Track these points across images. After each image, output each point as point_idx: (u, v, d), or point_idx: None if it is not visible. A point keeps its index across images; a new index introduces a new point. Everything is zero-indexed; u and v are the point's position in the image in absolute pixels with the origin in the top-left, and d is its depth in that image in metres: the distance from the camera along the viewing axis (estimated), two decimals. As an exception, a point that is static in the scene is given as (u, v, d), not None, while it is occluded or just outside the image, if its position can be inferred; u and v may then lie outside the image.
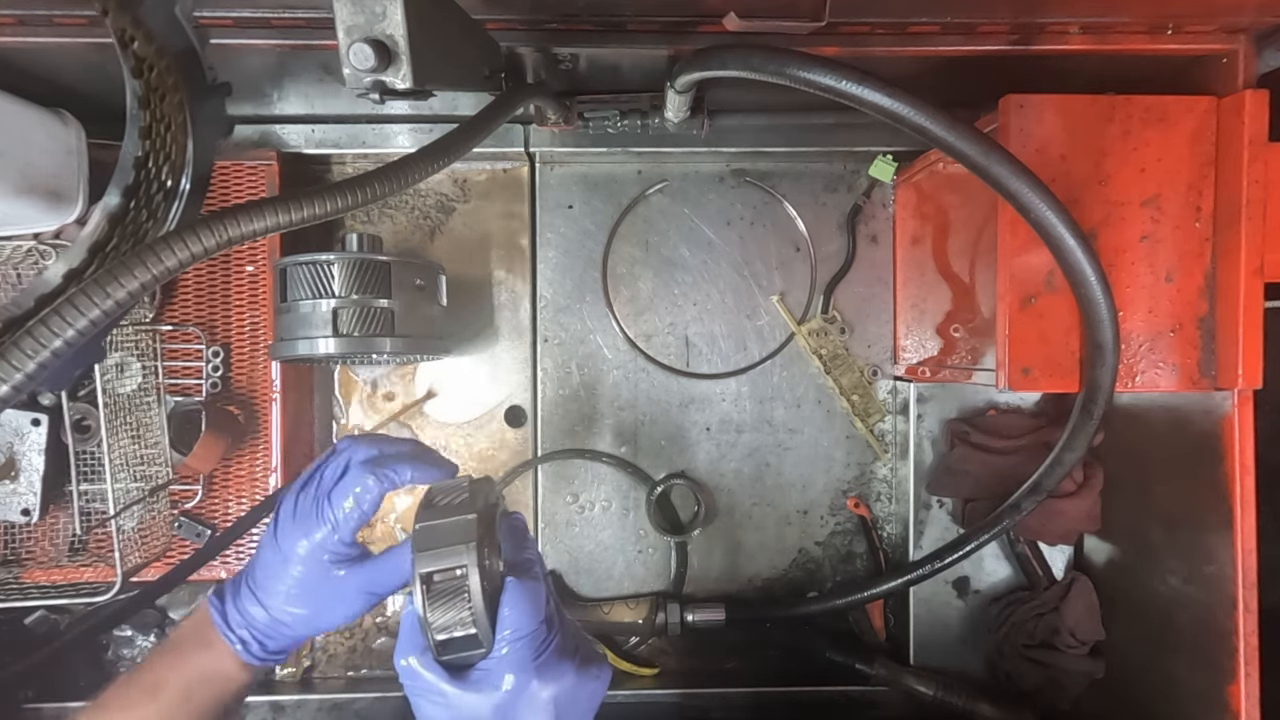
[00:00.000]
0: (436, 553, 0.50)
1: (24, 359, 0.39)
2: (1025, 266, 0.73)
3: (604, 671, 0.53)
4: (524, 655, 0.49)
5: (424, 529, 0.51)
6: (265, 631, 0.57)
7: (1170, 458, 0.83)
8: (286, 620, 0.57)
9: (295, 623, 0.57)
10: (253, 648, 0.57)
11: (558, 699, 0.49)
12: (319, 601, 0.57)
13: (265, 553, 0.57)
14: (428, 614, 0.49)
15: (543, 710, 0.49)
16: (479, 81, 0.68)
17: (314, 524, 0.55)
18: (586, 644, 0.55)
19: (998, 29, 0.72)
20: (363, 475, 0.55)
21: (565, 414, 1.00)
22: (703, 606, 0.96)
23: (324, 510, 0.55)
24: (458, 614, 0.49)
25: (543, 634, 0.50)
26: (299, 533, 0.55)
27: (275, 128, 0.92)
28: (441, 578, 0.50)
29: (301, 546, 0.55)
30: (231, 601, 0.57)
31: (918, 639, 0.98)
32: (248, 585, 0.57)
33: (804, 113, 0.93)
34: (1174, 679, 0.82)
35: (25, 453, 0.84)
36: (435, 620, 0.49)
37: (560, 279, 1.00)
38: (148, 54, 0.52)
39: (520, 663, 0.49)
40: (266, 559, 0.57)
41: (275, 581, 0.56)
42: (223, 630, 0.56)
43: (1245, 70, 0.73)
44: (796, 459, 1.01)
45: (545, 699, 0.49)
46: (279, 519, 0.57)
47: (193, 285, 0.91)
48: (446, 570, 0.50)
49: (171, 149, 0.55)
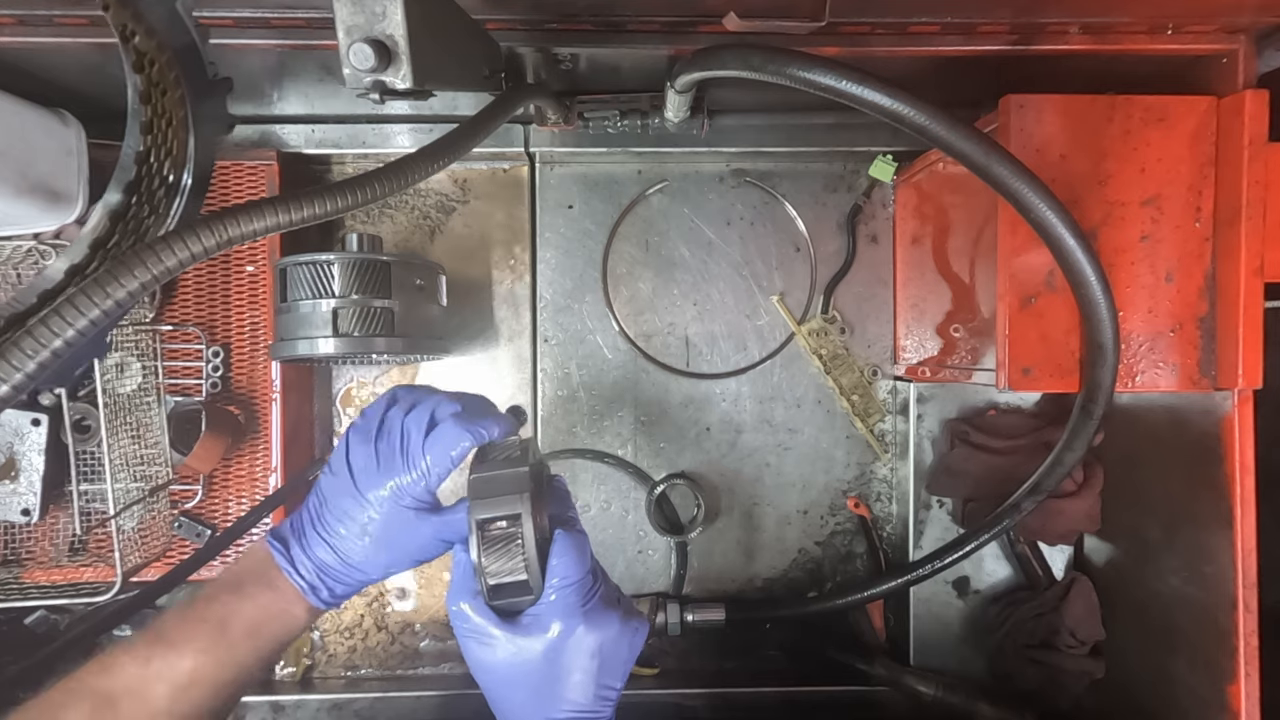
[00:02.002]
0: (492, 501, 0.52)
1: (24, 359, 0.39)
2: (1025, 266, 0.73)
3: (644, 625, 0.55)
4: (572, 602, 0.51)
5: (480, 479, 0.53)
6: (336, 576, 0.57)
7: (1170, 458, 0.83)
8: (359, 563, 0.56)
9: (369, 566, 0.57)
10: (321, 593, 0.57)
11: (603, 646, 0.52)
12: (396, 545, 0.57)
13: (338, 499, 0.56)
14: (482, 559, 0.52)
15: (588, 655, 0.52)
16: (479, 81, 0.68)
17: (403, 471, 0.55)
18: (626, 599, 0.57)
19: (998, 29, 0.73)
20: (457, 429, 0.56)
21: (565, 414, 1.00)
22: (703, 606, 0.96)
23: (415, 459, 0.55)
24: (511, 560, 0.52)
25: (589, 582, 0.53)
26: (384, 478, 0.55)
27: (275, 127, 0.92)
28: (496, 525, 0.52)
29: (386, 490, 0.55)
30: (298, 545, 0.57)
31: (918, 639, 0.98)
32: (317, 531, 0.57)
33: (804, 113, 0.93)
34: (1174, 679, 0.82)
35: (25, 453, 0.84)
36: (490, 566, 0.51)
37: (560, 279, 1.00)
38: (149, 49, 0.52)
39: (569, 608, 0.51)
40: (340, 505, 0.56)
41: (352, 525, 0.56)
42: (291, 575, 0.56)
43: (1245, 70, 0.73)
44: (796, 459, 1.01)
45: (591, 644, 0.52)
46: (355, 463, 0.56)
47: (193, 285, 0.91)
48: (501, 518, 0.52)
49: (173, 144, 0.55)
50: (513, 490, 0.52)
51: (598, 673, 0.52)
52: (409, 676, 1.00)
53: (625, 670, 0.54)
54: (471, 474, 0.54)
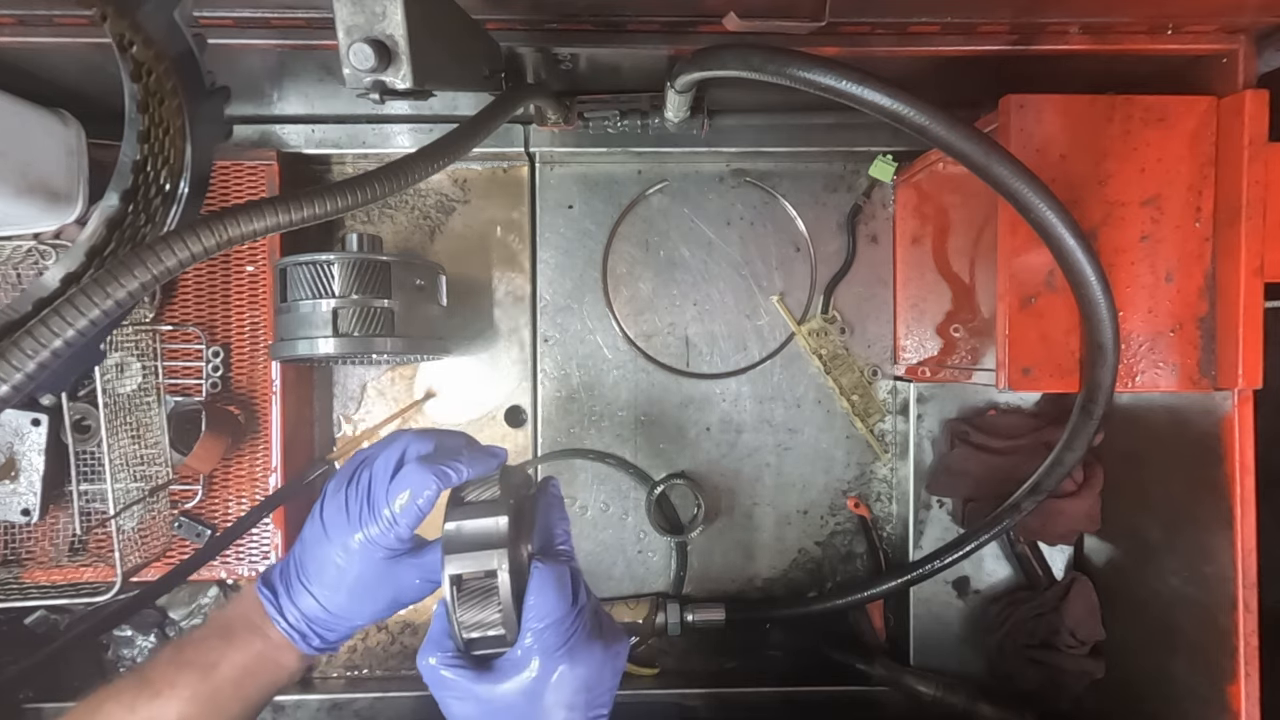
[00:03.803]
0: (466, 556, 0.50)
1: (24, 359, 0.39)
2: (1025, 266, 0.73)
3: (625, 645, 0.54)
4: (552, 643, 0.49)
5: (454, 530, 0.52)
6: (323, 624, 0.55)
7: (1170, 458, 0.83)
8: (343, 612, 0.55)
9: (353, 614, 0.56)
10: (311, 640, 0.55)
11: (587, 680, 0.50)
12: (376, 595, 0.55)
13: (316, 548, 0.55)
14: (458, 614, 0.50)
15: (572, 692, 0.50)
16: (479, 81, 0.68)
17: (370, 521, 0.54)
18: (607, 618, 0.55)
19: (998, 29, 0.72)
20: (421, 473, 0.53)
21: (565, 414, 1.00)
22: (703, 606, 0.96)
23: (378, 507, 0.54)
24: (488, 614, 0.50)
25: (570, 619, 0.51)
26: (353, 528, 0.54)
27: (275, 128, 0.92)
28: (472, 578, 0.50)
29: (355, 541, 0.54)
30: (285, 594, 0.56)
31: (918, 639, 0.98)
32: (300, 580, 0.55)
33: (804, 113, 0.93)
34: (1174, 679, 0.82)
35: (25, 453, 0.84)
36: (465, 619, 0.50)
37: (560, 279, 1.00)
38: (146, 58, 0.52)
39: (547, 649, 0.49)
40: (318, 554, 0.55)
41: (329, 576, 0.54)
42: (277, 621, 0.55)
43: (1245, 70, 0.73)
44: (796, 459, 1.01)
45: (575, 682, 0.50)
46: (326, 514, 0.55)
47: (193, 285, 0.91)
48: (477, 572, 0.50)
49: (170, 153, 0.54)
50: (489, 544, 0.50)
51: (585, 706, 0.50)
52: (409, 676, 1.00)
53: (612, 692, 0.53)
54: (446, 520, 0.52)
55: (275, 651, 0.55)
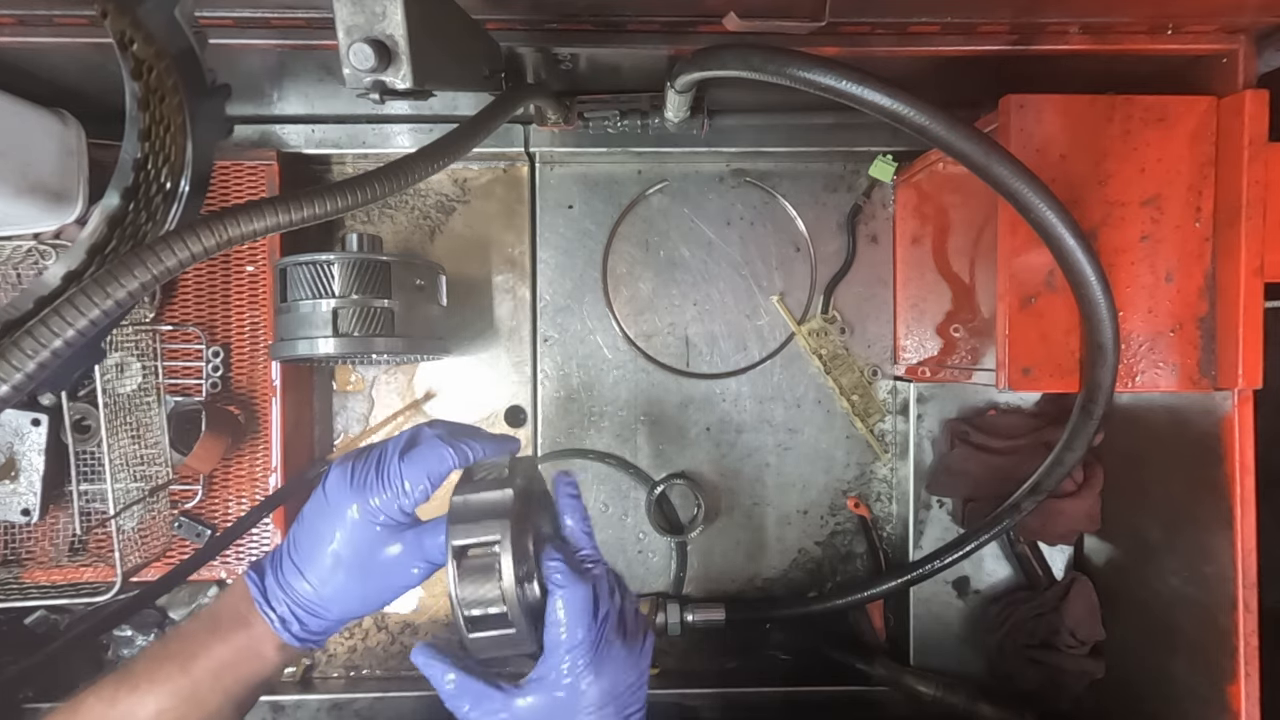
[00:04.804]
0: (470, 525, 0.50)
1: (24, 359, 0.39)
2: (1025, 266, 0.73)
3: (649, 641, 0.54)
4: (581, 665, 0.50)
5: (460, 501, 0.51)
6: (307, 607, 0.54)
7: (1170, 458, 0.83)
8: (330, 592, 0.54)
9: (339, 595, 0.54)
10: (293, 626, 0.54)
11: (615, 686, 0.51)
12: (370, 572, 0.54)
13: (314, 521, 0.54)
14: (457, 589, 0.49)
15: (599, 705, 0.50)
16: (479, 81, 0.68)
17: (377, 489, 0.53)
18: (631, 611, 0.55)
19: (998, 29, 0.72)
20: (439, 446, 0.54)
21: (565, 414, 1.00)
22: (703, 606, 0.96)
23: (391, 476, 0.53)
24: (489, 591, 0.49)
25: (594, 636, 0.51)
26: (355, 496, 0.53)
27: (275, 128, 0.92)
28: (476, 552, 0.49)
29: (354, 510, 0.53)
30: (272, 575, 0.55)
31: (918, 639, 0.98)
32: (290, 557, 0.55)
33: (804, 113, 0.93)
34: (1174, 679, 0.82)
35: (25, 453, 0.84)
36: (465, 595, 0.49)
37: (560, 279, 1.00)
38: (147, 56, 0.52)
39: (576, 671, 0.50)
40: (315, 528, 0.54)
41: (321, 547, 0.54)
42: (261, 606, 0.54)
43: (1245, 70, 0.73)
44: (796, 459, 1.01)
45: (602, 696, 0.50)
46: (330, 482, 0.54)
47: (193, 285, 0.91)
48: (480, 545, 0.49)
49: (171, 151, 0.55)
50: (493, 515, 0.50)
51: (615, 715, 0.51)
52: (409, 676, 1.00)
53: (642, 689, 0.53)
54: (454, 495, 0.52)
55: (257, 643, 0.54)
